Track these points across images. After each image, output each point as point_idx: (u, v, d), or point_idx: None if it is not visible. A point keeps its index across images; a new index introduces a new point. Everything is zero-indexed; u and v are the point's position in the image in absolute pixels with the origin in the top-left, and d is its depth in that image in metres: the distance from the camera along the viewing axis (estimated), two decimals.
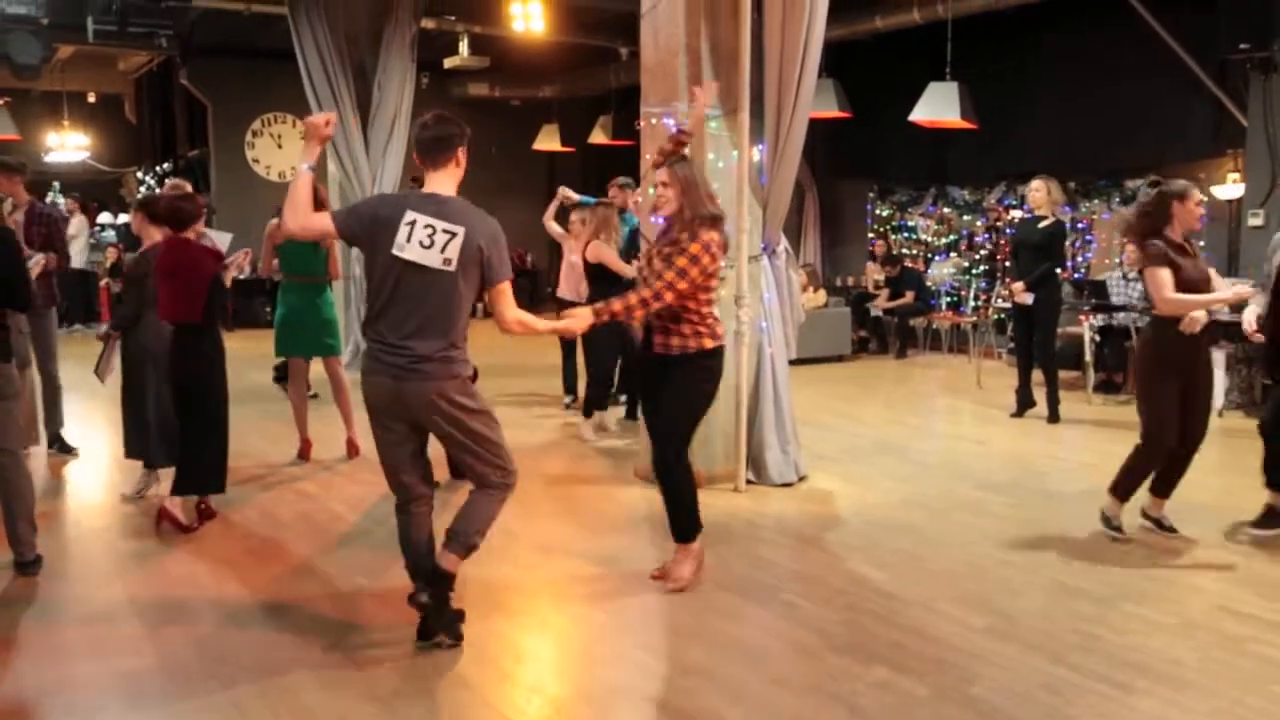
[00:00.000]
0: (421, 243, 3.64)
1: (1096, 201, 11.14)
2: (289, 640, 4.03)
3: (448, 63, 13.13)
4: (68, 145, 18.74)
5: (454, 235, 3.66)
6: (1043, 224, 8.06)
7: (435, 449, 3.99)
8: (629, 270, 6.88)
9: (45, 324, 6.74)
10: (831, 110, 11.02)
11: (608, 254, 7.37)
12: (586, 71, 15.34)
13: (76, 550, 5.20)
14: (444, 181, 3.83)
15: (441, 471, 6.33)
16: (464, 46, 12.88)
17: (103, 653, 3.92)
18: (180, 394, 5.41)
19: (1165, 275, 4.91)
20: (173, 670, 3.77)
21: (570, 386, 8.63)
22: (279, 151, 15.63)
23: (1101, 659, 3.84)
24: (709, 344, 4.46)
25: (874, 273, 13.01)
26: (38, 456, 6.80)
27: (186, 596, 4.52)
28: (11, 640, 4.05)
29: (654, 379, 4.55)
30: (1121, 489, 5.17)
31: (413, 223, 3.65)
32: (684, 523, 4.58)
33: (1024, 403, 8.34)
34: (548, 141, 16.04)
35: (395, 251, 3.65)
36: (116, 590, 4.61)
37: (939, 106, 9.92)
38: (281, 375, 8.86)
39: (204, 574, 4.82)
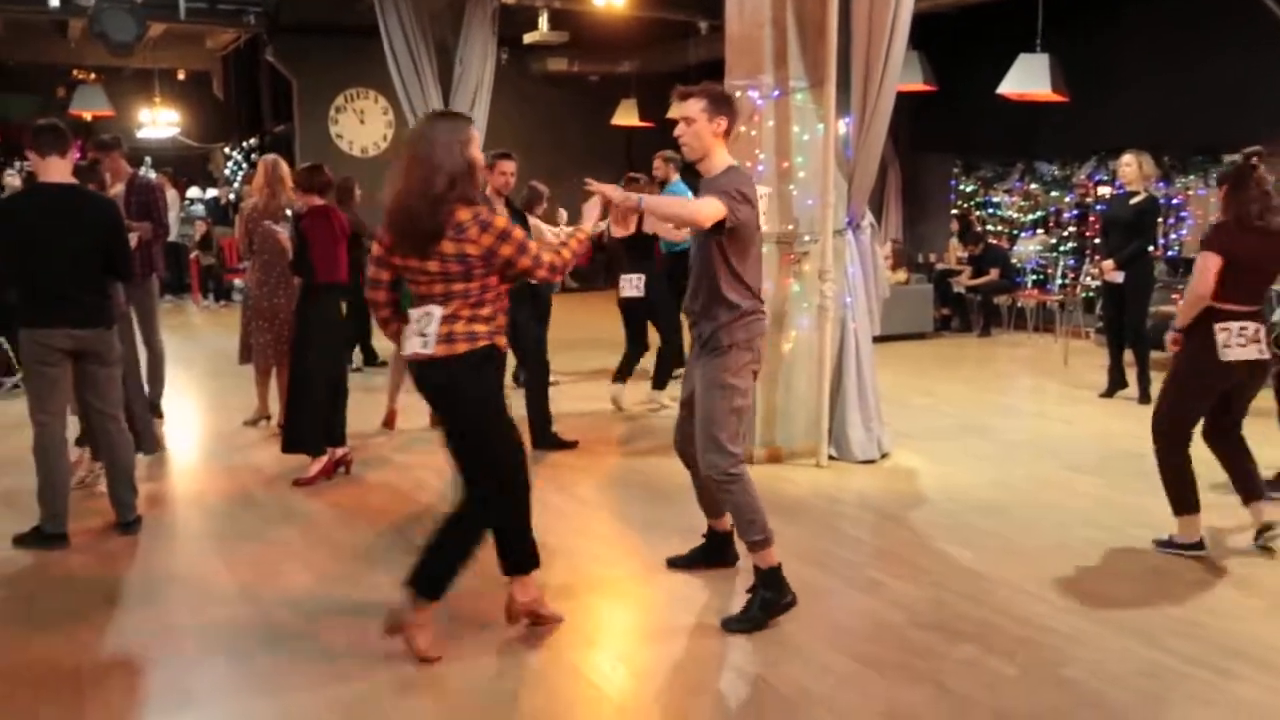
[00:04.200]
0: (764, 212, 3.82)
1: (1192, 177, 10.77)
2: (379, 601, 4.10)
3: (527, 38, 13.14)
4: (159, 121, 19.22)
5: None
6: (1134, 200, 7.82)
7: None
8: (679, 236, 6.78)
9: (145, 293, 6.91)
10: (917, 83, 10.80)
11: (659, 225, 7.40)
12: (665, 46, 15.25)
13: (174, 513, 5.35)
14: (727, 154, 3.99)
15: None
16: (544, 21, 12.87)
17: (201, 608, 4.05)
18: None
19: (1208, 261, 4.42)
20: (269, 626, 3.87)
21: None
22: (361, 127, 15.83)
23: (1200, 644, 3.74)
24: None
25: (957, 249, 12.77)
26: None
27: (277, 558, 4.64)
28: (114, 598, 4.19)
29: None
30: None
31: (762, 196, 3.86)
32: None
33: (1115, 383, 8.14)
34: (626, 116, 15.99)
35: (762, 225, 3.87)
36: (212, 550, 4.76)
37: (1028, 79, 9.65)
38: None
39: (294, 537, 4.94)
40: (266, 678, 3.50)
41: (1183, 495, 4.62)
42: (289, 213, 6.09)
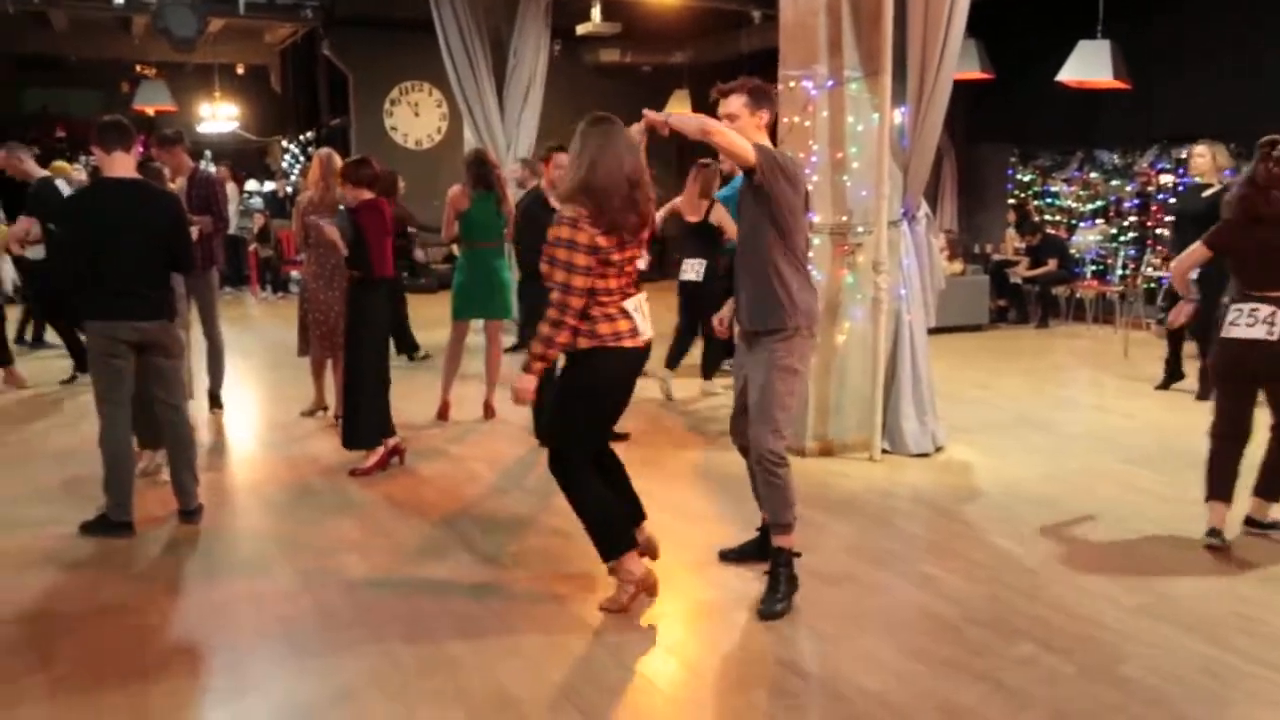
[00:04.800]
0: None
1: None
2: (433, 593, 4.16)
3: (580, 29, 13.17)
4: (219, 115, 19.55)
5: None
6: (1206, 193, 7.61)
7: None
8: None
9: (206, 285, 7.04)
10: (973, 71, 10.64)
11: (725, 215, 7.37)
12: (718, 36, 15.20)
13: (235, 502, 5.46)
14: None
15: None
16: (596, 13, 12.88)
17: (259, 598, 4.12)
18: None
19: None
20: (325, 617, 3.93)
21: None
22: (416, 120, 15.99)
23: (1263, 642, 3.66)
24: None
25: (1014, 240, 12.59)
26: (195, 412, 7.15)
27: (334, 547, 4.71)
28: (176, 585, 4.29)
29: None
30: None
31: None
32: (596, 537, 3.97)
33: (1171, 375, 7.96)
34: (678, 107, 15.96)
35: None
36: (271, 539, 4.84)
37: (1089, 66, 9.46)
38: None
39: (350, 526, 5.01)
40: (323, 665, 3.56)
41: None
42: (341, 207, 6.16)
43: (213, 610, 4.03)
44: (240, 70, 20.72)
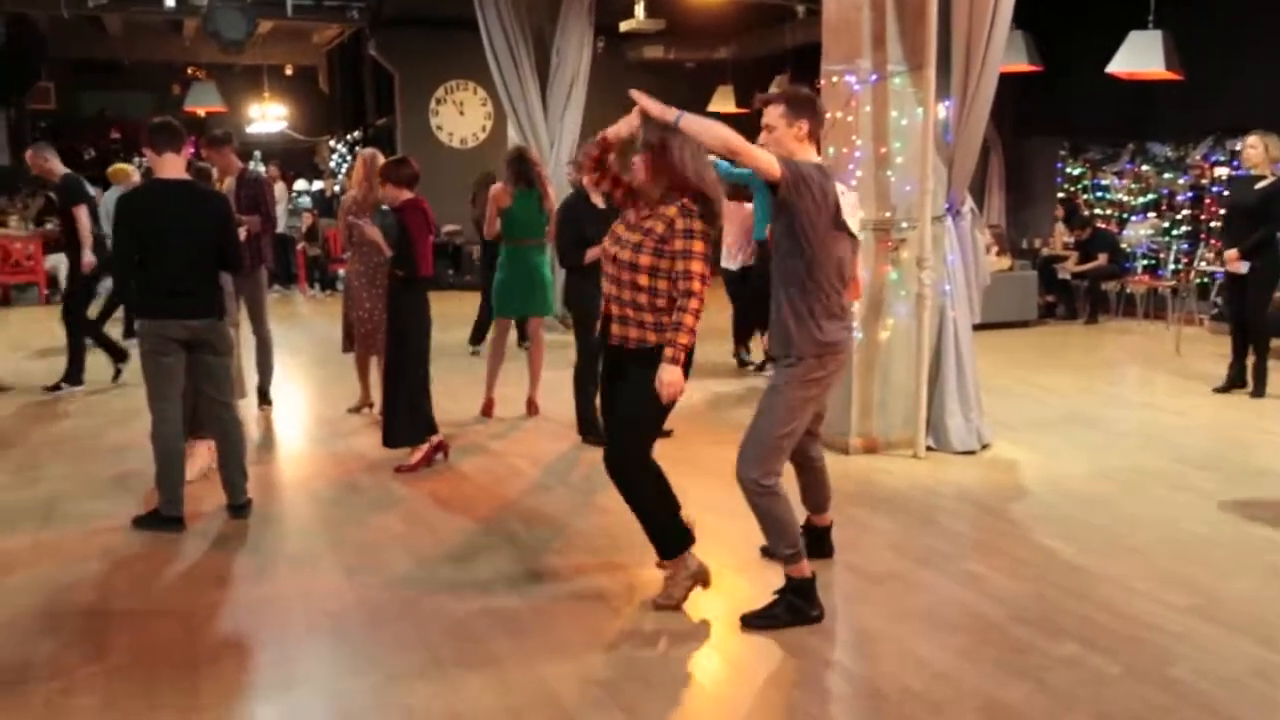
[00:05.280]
0: (850, 210, 3.82)
1: None
2: (476, 589, 4.20)
3: (623, 26, 13.16)
4: (268, 116, 19.82)
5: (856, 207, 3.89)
6: (1260, 184, 7.46)
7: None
8: None
9: (254, 284, 7.14)
10: (1021, 64, 10.48)
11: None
12: (762, 32, 15.12)
13: (283, 497, 5.54)
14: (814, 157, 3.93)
15: None
16: (640, 9, 12.88)
17: (307, 592, 4.18)
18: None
19: None
20: (370, 612, 3.98)
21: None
22: (460, 118, 16.09)
23: None
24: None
25: (1063, 234, 12.41)
26: (245, 408, 7.26)
27: (380, 543, 4.76)
28: (226, 579, 4.36)
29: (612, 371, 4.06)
30: None
31: (842, 192, 3.79)
32: (660, 536, 4.00)
33: (1234, 379, 7.74)
34: (722, 103, 15.89)
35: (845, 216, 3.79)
36: (318, 534, 4.91)
37: (1140, 57, 9.29)
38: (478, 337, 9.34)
39: (395, 522, 5.07)
40: (368, 660, 3.60)
41: None
42: (384, 206, 6.21)
43: (261, 604, 4.09)
44: (288, 71, 20.99)
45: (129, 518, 4.94)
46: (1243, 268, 7.47)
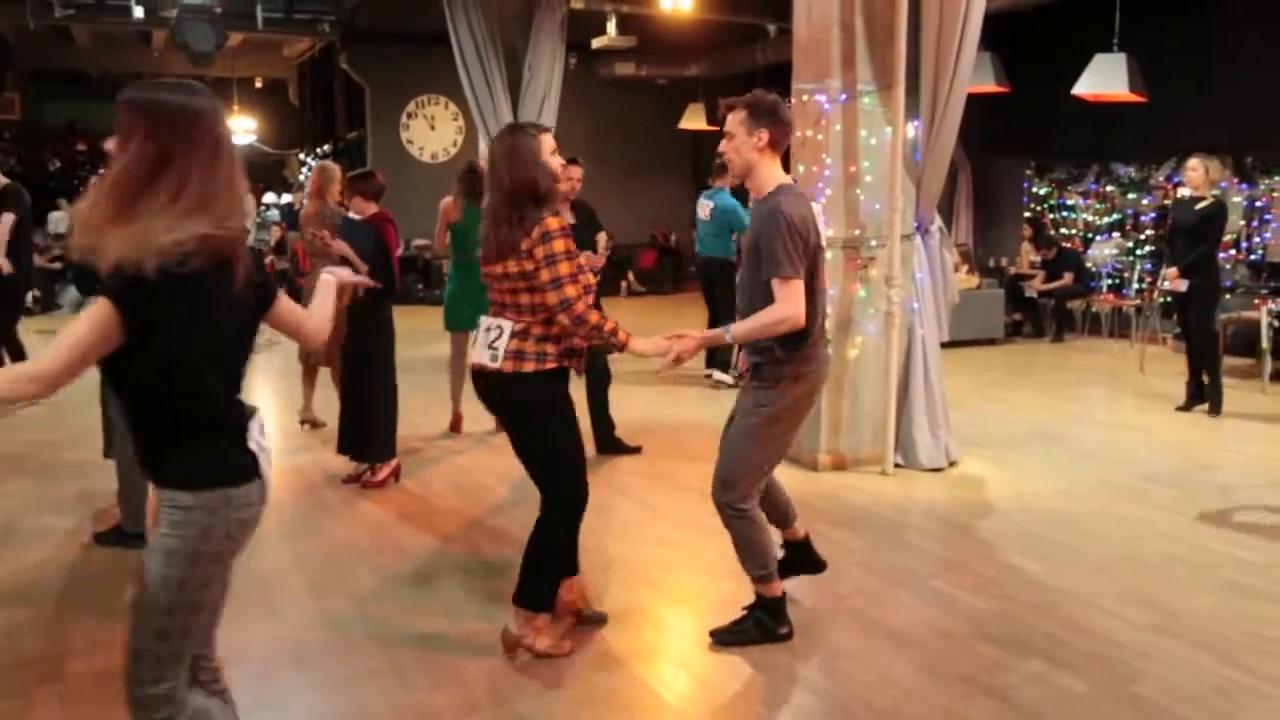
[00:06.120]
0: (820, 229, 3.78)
1: (1277, 178, 10.46)
2: (442, 607, 4.17)
3: (595, 43, 13.22)
4: (237, 129, 19.68)
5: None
6: (1199, 205, 7.59)
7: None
8: None
9: None
10: (989, 85, 10.64)
11: None
12: (733, 50, 15.23)
13: None
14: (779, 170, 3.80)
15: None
16: (612, 26, 12.93)
17: (272, 612, 4.13)
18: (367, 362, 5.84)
19: None
20: (336, 631, 3.94)
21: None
22: (432, 133, 16.08)
23: (1277, 661, 3.63)
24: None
25: (1030, 253, 12.55)
26: None
27: (347, 560, 4.72)
28: None
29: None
30: None
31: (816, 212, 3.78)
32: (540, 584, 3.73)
33: (1194, 396, 7.86)
34: (693, 121, 15.99)
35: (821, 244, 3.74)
36: (283, 549, 4.85)
37: (1105, 79, 9.44)
38: None
39: (362, 539, 5.02)
40: (334, 680, 3.56)
41: None
42: (355, 217, 6.17)
43: (225, 621, 4.02)
44: (258, 84, 20.90)
45: (90, 534, 4.87)
46: (1182, 286, 7.58)
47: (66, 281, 7.94)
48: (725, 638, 3.83)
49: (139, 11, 13.26)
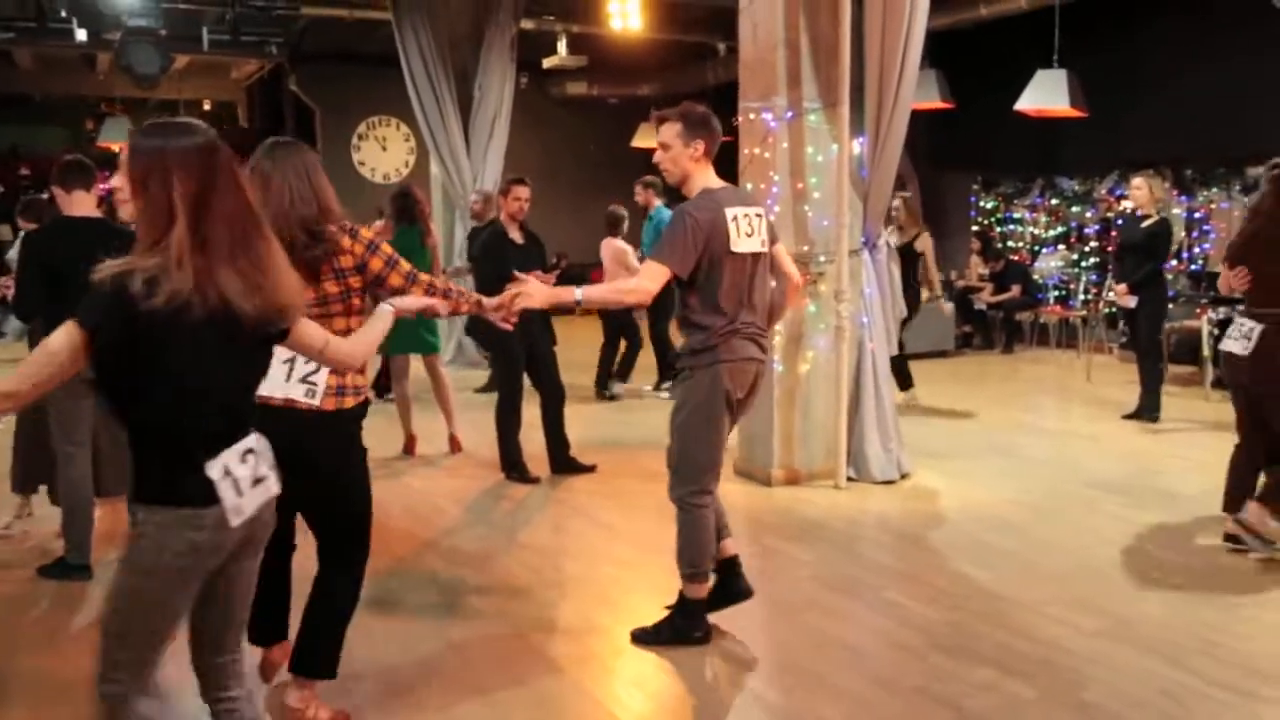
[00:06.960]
0: (746, 233, 3.75)
1: (1215, 190, 10.70)
2: (396, 631, 4.13)
3: (546, 62, 13.26)
4: None
5: (760, 217, 3.83)
6: (1146, 223, 7.73)
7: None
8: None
9: None
10: (934, 101, 10.80)
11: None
12: (684, 69, 15.33)
13: None
14: (712, 176, 3.87)
15: (541, 466, 6.43)
16: (562, 46, 12.98)
17: None
18: None
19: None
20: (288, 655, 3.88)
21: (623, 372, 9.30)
22: (383, 154, 16.02)
23: (1223, 665, 3.69)
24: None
25: (978, 266, 12.72)
26: None
27: (297, 579, 4.65)
28: None
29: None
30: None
31: (734, 218, 3.74)
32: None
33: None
34: (645, 139, 16.05)
35: (732, 249, 3.71)
36: None
37: (1046, 95, 9.62)
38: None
39: (309, 562, 4.95)
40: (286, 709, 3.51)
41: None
42: None
43: (172, 652, 3.96)
44: (207, 106, 20.66)
45: (34, 566, 4.77)
46: (1131, 302, 7.71)
47: (6, 310, 7.79)
48: (644, 638, 3.92)
49: (81, 34, 13.06)
